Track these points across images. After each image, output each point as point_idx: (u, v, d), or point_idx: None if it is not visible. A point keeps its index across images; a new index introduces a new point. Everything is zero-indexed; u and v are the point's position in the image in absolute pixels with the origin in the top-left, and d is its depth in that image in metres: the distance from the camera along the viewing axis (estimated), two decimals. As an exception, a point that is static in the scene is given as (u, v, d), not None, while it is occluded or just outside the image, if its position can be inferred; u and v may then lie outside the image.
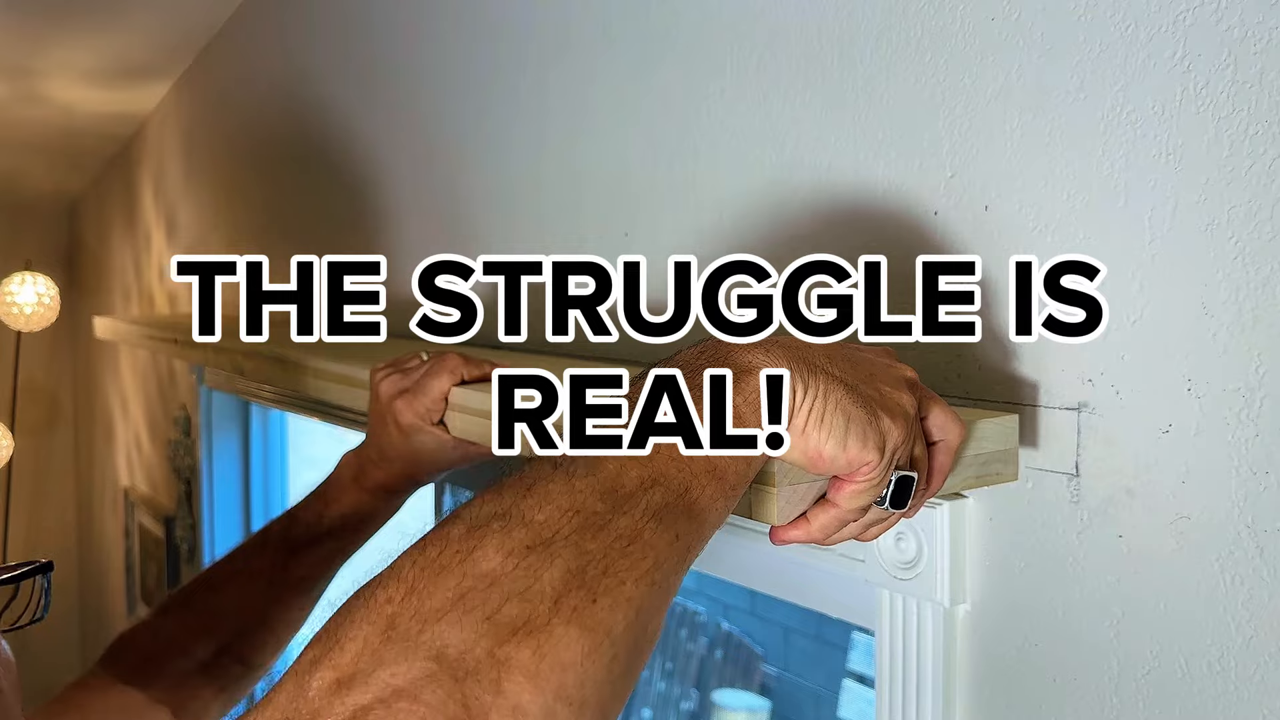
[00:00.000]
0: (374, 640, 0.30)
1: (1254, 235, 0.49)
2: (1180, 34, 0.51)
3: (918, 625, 0.64)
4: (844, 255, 0.70)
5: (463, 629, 0.30)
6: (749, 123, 0.77)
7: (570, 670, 0.31)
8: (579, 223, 0.96)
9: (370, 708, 0.28)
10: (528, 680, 0.30)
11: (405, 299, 1.31)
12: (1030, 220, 0.59)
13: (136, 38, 2.09)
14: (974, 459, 0.54)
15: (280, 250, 1.77)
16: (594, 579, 0.33)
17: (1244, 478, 0.50)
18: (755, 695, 2.01)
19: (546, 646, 0.30)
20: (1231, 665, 0.51)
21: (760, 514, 0.46)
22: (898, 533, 0.64)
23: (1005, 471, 0.56)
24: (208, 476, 2.08)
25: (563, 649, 0.31)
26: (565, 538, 0.34)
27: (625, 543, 0.34)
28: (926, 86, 0.64)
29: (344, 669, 0.30)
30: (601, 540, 0.34)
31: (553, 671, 0.30)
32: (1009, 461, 0.56)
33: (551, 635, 0.31)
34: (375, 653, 0.30)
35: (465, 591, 0.31)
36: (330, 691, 0.29)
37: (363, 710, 0.28)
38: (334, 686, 0.29)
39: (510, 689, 0.29)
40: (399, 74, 1.30)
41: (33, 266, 3.31)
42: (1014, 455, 0.56)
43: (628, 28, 0.89)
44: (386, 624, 0.31)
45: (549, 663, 0.30)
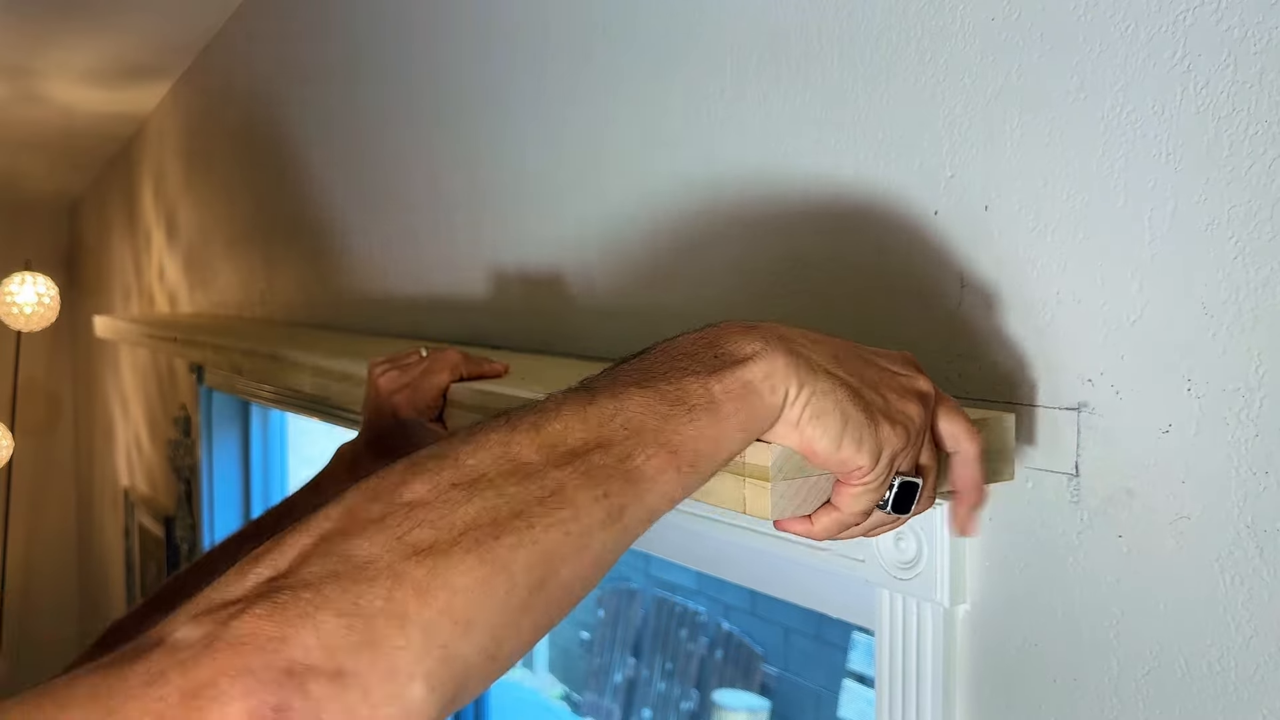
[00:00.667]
0: (307, 547, 0.35)
1: (1254, 235, 0.49)
2: (1180, 34, 0.51)
3: (918, 625, 0.64)
4: (844, 255, 0.70)
5: (373, 544, 0.35)
6: (749, 123, 0.77)
7: (460, 593, 0.34)
8: (580, 223, 0.96)
9: (280, 590, 0.33)
10: (416, 594, 0.33)
11: (404, 299, 1.32)
12: (1030, 220, 0.59)
13: (136, 38, 2.10)
14: None
15: (281, 250, 1.77)
16: (505, 519, 0.36)
17: (1244, 478, 0.50)
18: (755, 695, 2.02)
19: (441, 567, 0.34)
20: (1231, 665, 0.51)
21: (754, 509, 0.46)
22: (898, 533, 0.64)
23: (1002, 471, 0.56)
24: (208, 476, 2.08)
25: (456, 573, 0.34)
26: (489, 480, 0.37)
27: (546, 493, 0.37)
28: (927, 86, 0.64)
29: (279, 568, 0.34)
30: (524, 487, 0.37)
31: (441, 590, 0.34)
32: (1005, 461, 0.56)
33: (449, 559, 0.35)
34: (304, 557, 0.35)
35: (387, 514, 0.36)
36: (262, 584, 0.34)
37: (275, 590, 0.33)
38: (266, 582, 0.34)
39: (398, 597, 0.33)
40: (398, 74, 1.30)
41: (33, 266, 3.31)
42: (1010, 454, 0.56)
43: (628, 28, 0.89)
44: (320, 536, 0.35)
45: (439, 582, 0.34)
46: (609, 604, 3.31)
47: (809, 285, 0.73)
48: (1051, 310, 0.58)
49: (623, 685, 3.13)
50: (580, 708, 3.37)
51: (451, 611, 0.34)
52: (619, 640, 3.18)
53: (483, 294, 1.12)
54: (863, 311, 0.69)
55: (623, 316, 0.91)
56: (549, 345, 1.01)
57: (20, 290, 3.20)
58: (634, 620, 3.09)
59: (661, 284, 0.86)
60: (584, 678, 3.36)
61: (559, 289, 0.99)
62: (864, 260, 0.69)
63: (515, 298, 1.06)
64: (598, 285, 0.94)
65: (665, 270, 0.86)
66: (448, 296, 1.20)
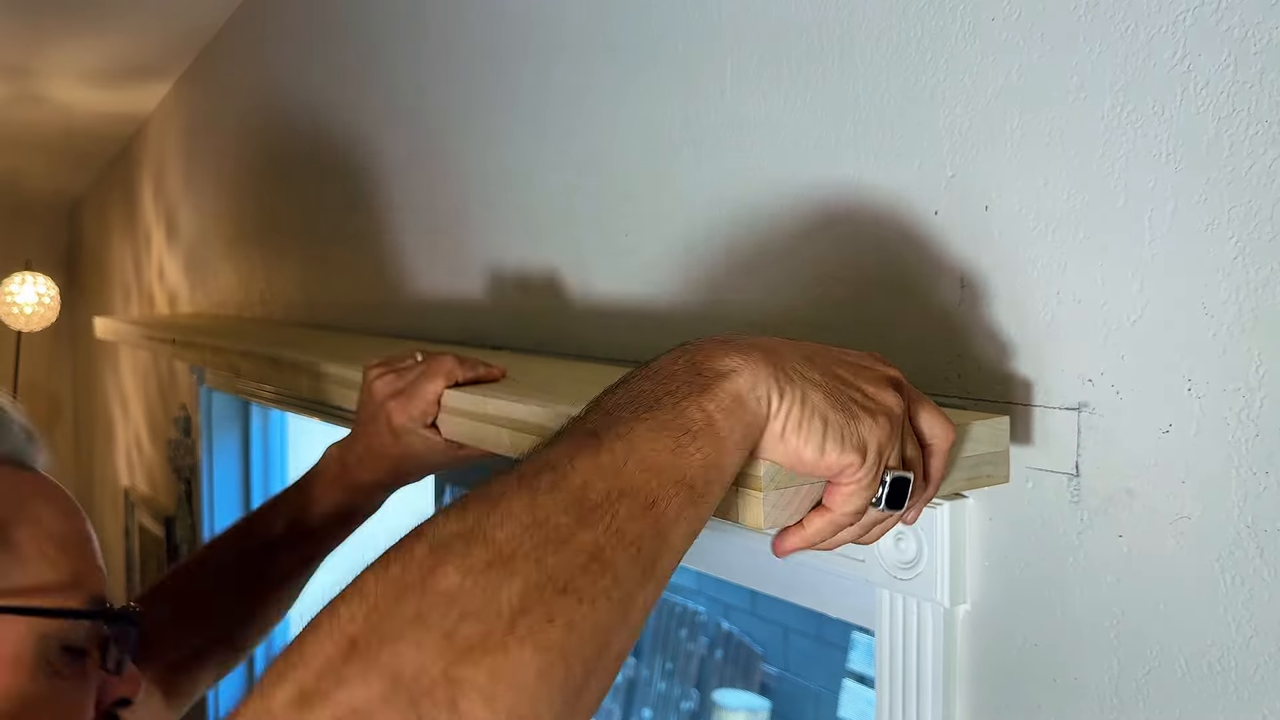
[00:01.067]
0: (335, 659, 0.31)
1: (1254, 235, 0.49)
2: (1180, 34, 0.51)
3: (918, 625, 0.64)
4: (844, 255, 0.70)
5: (420, 649, 0.31)
6: (749, 122, 0.77)
7: (523, 690, 0.32)
8: (579, 223, 0.96)
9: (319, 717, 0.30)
10: (482, 700, 0.31)
11: (404, 300, 1.32)
12: (1030, 220, 0.59)
13: (137, 38, 2.10)
14: (964, 461, 0.54)
15: (281, 250, 1.77)
16: (551, 597, 0.33)
17: (1244, 478, 0.50)
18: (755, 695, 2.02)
19: (501, 667, 0.32)
20: (1232, 665, 0.51)
21: (747, 518, 0.45)
22: (897, 533, 0.64)
23: (996, 473, 0.56)
24: (208, 476, 2.08)
25: (517, 669, 0.32)
26: (526, 554, 0.34)
27: (585, 559, 0.35)
28: (927, 86, 0.64)
29: (306, 685, 0.31)
30: (562, 557, 0.35)
31: (506, 692, 0.31)
32: (1000, 463, 0.56)
33: (507, 655, 0.32)
34: (336, 671, 0.31)
35: (425, 610, 0.32)
36: (292, 706, 0.31)
37: (310, 713, 0.30)
38: (296, 701, 0.31)
39: (465, 708, 0.31)
40: (398, 74, 1.30)
41: (33, 266, 3.31)
42: (1005, 457, 0.56)
43: (628, 28, 0.89)
44: (348, 643, 0.32)
45: (503, 684, 0.31)
46: (609, 604, 3.30)
47: (808, 285, 0.73)
48: (1052, 310, 0.58)
49: (622, 685, 3.13)
50: (580, 707, 3.37)
51: (516, 712, 0.31)
52: (619, 640, 3.17)
53: (483, 294, 1.13)
54: (862, 311, 0.69)
55: (623, 318, 0.91)
56: (549, 346, 1.01)
57: (20, 290, 3.20)
58: (634, 620, 3.09)
59: (661, 284, 0.86)
60: (584, 677, 3.36)
61: (559, 290, 0.99)
62: (863, 260, 0.69)
63: (516, 299, 1.07)
64: (597, 287, 0.94)
65: (666, 270, 0.86)
66: (448, 297, 1.20)
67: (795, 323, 0.74)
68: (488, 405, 0.69)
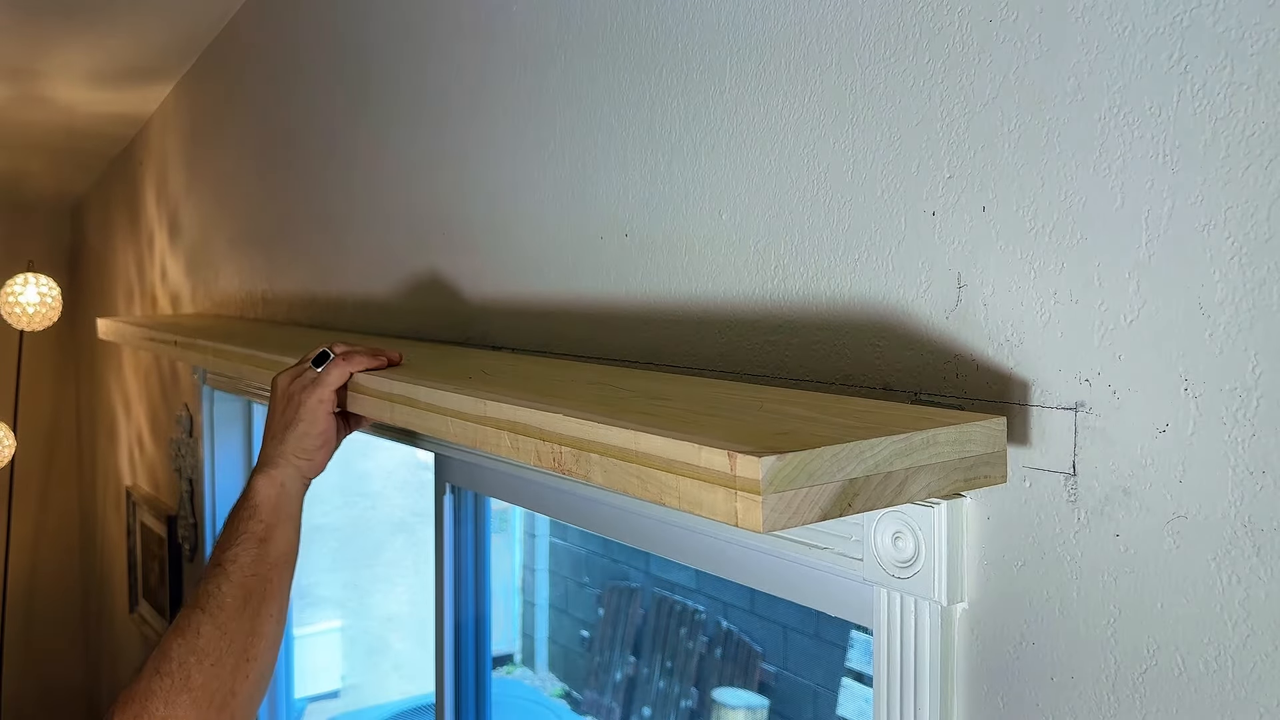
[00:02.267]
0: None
1: (1251, 236, 0.49)
2: (1177, 35, 0.52)
3: (915, 624, 0.64)
4: (844, 256, 0.70)
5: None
6: (748, 123, 0.77)
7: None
8: (581, 224, 0.97)
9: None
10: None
11: (405, 300, 1.32)
12: (1028, 221, 0.59)
13: (139, 39, 2.10)
14: (960, 462, 0.54)
15: (282, 251, 1.77)
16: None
17: (1240, 477, 0.50)
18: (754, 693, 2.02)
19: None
20: (1229, 664, 0.51)
21: (746, 522, 0.48)
22: (895, 532, 0.65)
23: (993, 474, 0.56)
24: (210, 476, 2.09)
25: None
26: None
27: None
28: (924, 88, 0.64)
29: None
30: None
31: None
32: (997, 464, 0.56)
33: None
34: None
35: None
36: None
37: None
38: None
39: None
40: (398, 75, 1.31)
41: (35, 267, 3.32)
42: (1002, 457, 0.57)
43: (628, 29, 0.89)
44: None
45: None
46: (609, 603, 3.31)
47: (807, 284, 0.73)
48: (1049, 310, 0.58)
49: (623, 683, 3.14)
50: (580, 706, 3.38)
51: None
52: (619, 639, 3.18)
53: (484, 295, 1.13)
54: (860, 312, 0.69)
55: (626, 319, 0.91)
56: (549, 347, 1.01)
57: (23, 290, 3.20)
58: (634, 619, 3.10)
59: (661, 283, 0.86)
60: (584, 676, 3.37)
61: (559, 292, 1.00)
62: (861, 261, 0.69)
63: (517, 299, 1.07)
64: (597, 287, 0.94)
65: (666, 269, 0.86)
66: (450, 297, 1.20)
67: (795, 324, 0.74)
68: (392, 386, 0.73)
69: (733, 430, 0.54)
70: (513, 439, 0.66)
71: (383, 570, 2.97)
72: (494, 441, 0.69)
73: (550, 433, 0.62)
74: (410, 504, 2.97)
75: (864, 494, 0.51)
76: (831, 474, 0.49)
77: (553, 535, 3.79)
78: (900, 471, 0.52)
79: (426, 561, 3.03)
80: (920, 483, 0.53)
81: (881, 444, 0.51)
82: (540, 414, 0.63)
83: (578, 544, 3.63)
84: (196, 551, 2.29)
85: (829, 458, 0.49)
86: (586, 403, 0.65)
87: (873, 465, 0.51)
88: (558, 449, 0.61)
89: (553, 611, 3.75)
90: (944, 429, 0.54)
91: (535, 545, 3.88)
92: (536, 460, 0.64)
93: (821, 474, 0.49)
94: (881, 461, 0.51)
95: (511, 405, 0.67)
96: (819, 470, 0.49)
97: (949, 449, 0.54)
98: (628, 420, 0.57)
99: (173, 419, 2.46)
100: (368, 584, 2.95)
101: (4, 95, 2.41)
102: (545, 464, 0.63)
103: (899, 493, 0.53)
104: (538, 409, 0.64)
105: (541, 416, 0.63)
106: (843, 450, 0.50)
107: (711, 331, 0.81)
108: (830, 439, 0.51)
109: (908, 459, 0.52)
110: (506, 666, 3.74)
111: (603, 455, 0.57)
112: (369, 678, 2.93)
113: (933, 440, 0.53)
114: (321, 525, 2.65)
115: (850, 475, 0.50)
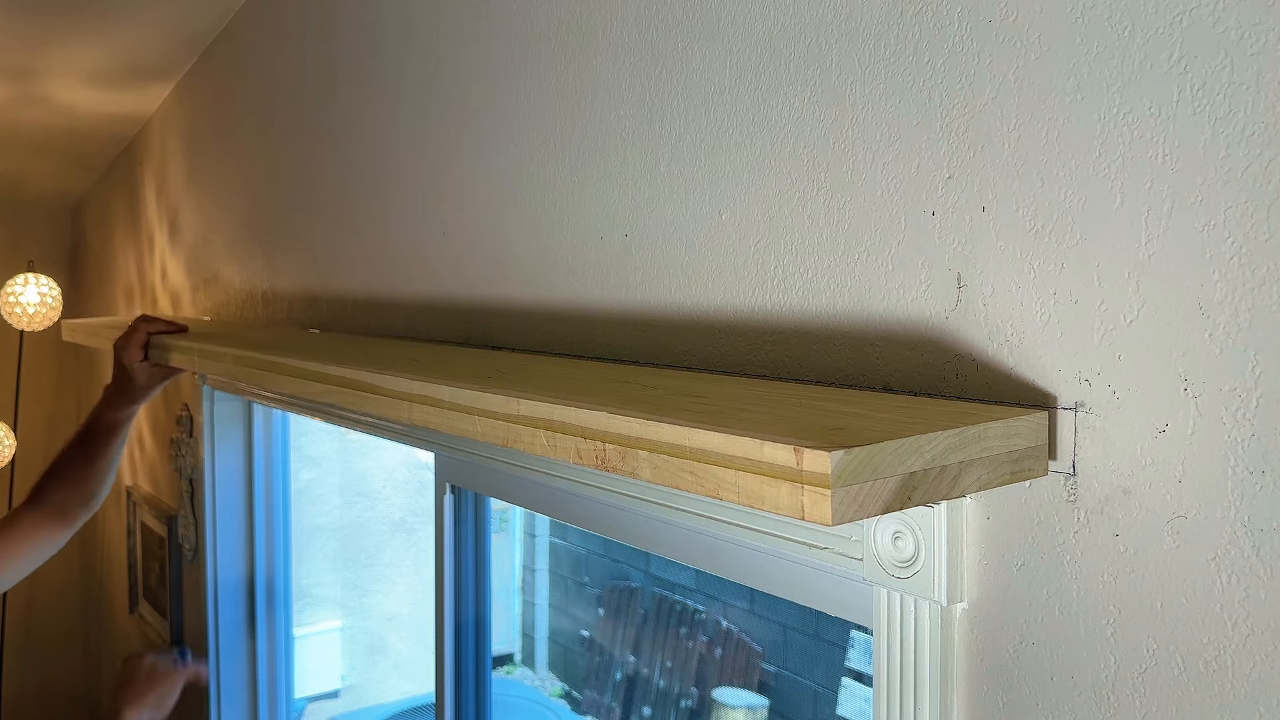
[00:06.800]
0: None
1: (1250, 236, 0.49)
2: (1177, 35, 0.52)
3: (915, 623, 0.64)
4: (843, 256, 0.71)
5: None
6: (748, 123, 0.77)
7: None
8: (581, 224, 0.97)
9: None
10: None
11: (406, 301, 1.32)
12: (1028, 220, 0.59)
13: (139, 39, 2.10)
14: (1009, 455, 0.55)
15: (283, 251, 1.77)
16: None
17: (1240, 477, 0.50)
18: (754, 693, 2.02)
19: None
20: (1228, 663, 0.51)
21: (813, 515, 0.48)
22: (895, 532, 0.65)
23: (1036, 467, 0.57)
24: (210, 475, 2.08)
25: None
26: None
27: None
28: (924, 88, 0.64)
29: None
30: None
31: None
32: (1039, 457, 0.57)
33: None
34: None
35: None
36: None
37: None
38: None
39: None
40: (398, 75, 1.31)
41: (36, 267, 3.32)
42: (1044, 451, 0.58)
43: (627, 29, 0.89)
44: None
45: None
46: (609, 602, 3.31)
47: (807, 284, 0.73)
48: (1049, 310, 0.58)
49: (623, 683, 3.13)
50: (581, 705, 3.38)
51: None
52: (619, 639, 3.18)
53: (484, 294, 1.13)
54: (860, 312, 0.69)
55: (625, 319, 0.91)
56: (549, 347, 1.01)
57: (24, 290, 3.20)
58: (634, 618, 3.10)
59: (661, 283, 0.86)
60: (584, 675, 3.37)
61: (559, 292, 1.00)
62: (861, 260, 0.69)
63: (516, 299, 1.07)
64: (597, 287, 0.95)
65: (665, 269, 0.86)
66: (450, 298, 1.20)
67: (795, 323, 0.74)
68: (410, 386, 0.70)
69: (787, 425, 0.54)
70: (549, 437, 0.66)
71: (382, 570, 2.97)
72: (529, 440, 0.68)
73: (594, 430, 0.62)
74: (410, 504, 2.97)
75: (922, 487, 0.52)
76: (893, 468, 0.50)
77: (553, 535, 3.79)
78: (955, 465, 0.53)
79: (426, 561, 3.02)
80: (973, 475, 0.54)
81: (938, 438, 0.52)
82: (583, 412, 0.63)
83: (578, 544, 3.63)
84: (197, 551, 2.29)
85: (891, 452, 0.50)
86: (623, 400, 0.65)
87: (930, 459, 0.52)
88: (601, 446, 0.61)
89: (553, 611, 3.75)
90: (994, 423, 0.55)
91: (535, 545, 3.88)
92: (576, 458, 0.63)
93: (885, 468, 0.49)
94: (938, 455, 0.52)
95: (549, 404, 0.66)
96: (882, 464, 0.49)
97: (998, 443, 0.55)
98: (678, 417, 0.57)
99: (173, 419, 2.46)
100: (367, 584, 2.95)
101: (4, 95, 2.41)
102: (586, 461, 0.62)
103: (954, 485, 0.53)
104: (580, 407, 0.63)
105: (584, 414, 0.63)
106: (904, 445, 0.50)
107: (711, 331, 0.81)
108: (886, 434, 0.51)
109: (961, 453, 0.53)
110: (506, 666, 3.74)
111: (652, 452, 0.57)
112: (369, 678, 2.93)
113: (984, 434, 0.54)
114: (321, 525, 2.65)
115: (910, 469, 0.51)
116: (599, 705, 3.19)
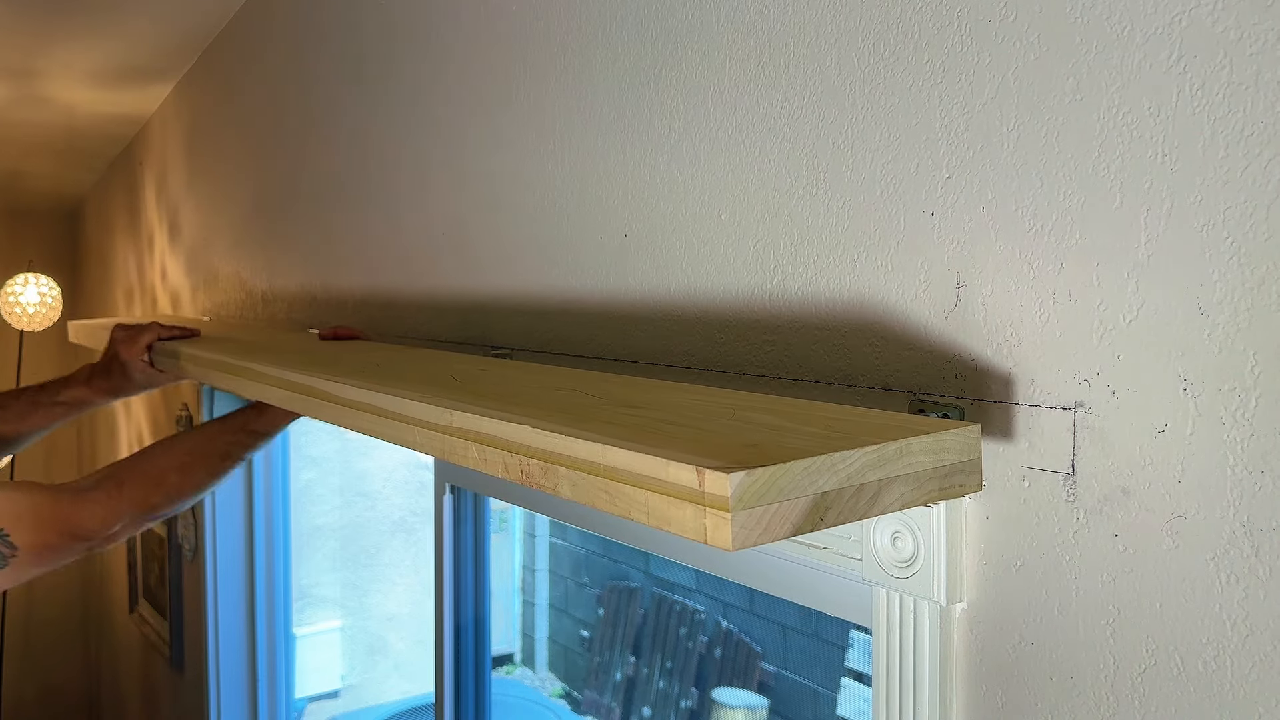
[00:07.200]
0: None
1: (1250, 236, 0.49)
2: (1176, 35, 0.52)
3: (915, 624, 0.64)
4: (842, 256, 0.71)
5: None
6: (748, 122, 0.77)
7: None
8: (580, 223, 0.97)
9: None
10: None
11: (406, 301, 1.32)
12: (1027, 220, 0.59)
13: (139, 39, 2.10)
14: (936, 471, 0.53)
15: (281, 250, 1.77)
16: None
17: (1239, 477, 0.50)
18: (754, 693, 2.02)
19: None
20: (1228, 663, 0.51)
21: (715, 539, 0.46)
22: (895, 532, 0.65)
23: (969, 482, 0.55)
24: (210, 476, 2.08)
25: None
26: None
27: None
28: (923, 88, 0.64)
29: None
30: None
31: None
32: (973, 472, 0.55)
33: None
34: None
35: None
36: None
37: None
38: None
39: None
40: (399, 75, 1.31)
41: (36, 267, 3.32)
42: (978, 465, 0.55)
43: (627, 30, 0.89)
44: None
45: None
46: (609, 602, 3.31)
47: (806, 284, 0.73)
48: (1048, 310, 0.58)
49: (622, 683, 3.14)
50: (580, 705, 3.38)
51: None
52: (619, 639, 3.18)
53: (484, 294, 1.13)
54: (859, 311, 0.69)
55: (625, 319, 0.91)
56: (549, 347, 1.01)
57: (24, 290, 3.21)
58: (634, 619, 3.10)
59: (661, 283, 0.86)
60: (584, 676, 3.37)
61: (559, 292, 1.00)
62: (860, 260, 0.69)
63: (516, 299, 1.07)
64: (596, 287, 0.95)
65: (665, 269, 0.86)
66: (450, 298, 1.20)
67: (794, 323, 0.74)
68: (359, 394, 0.71)
69: (701, 442, 0.51)
70: (480, 450, 0.63)
71: (382, 570, 2.97)
72: (461, 453, 0.65)
73: (518, 444, 0.59)
74: (410, 504, 2.97)
75: (836, 507, 0.49)
76: (803, 488, 0.47)
77: (553, 535, 3.79)
78: (874, 483, 0.50)
79: (426, 561, 3.02)
80: (894, 494, 0.52)
81: (853, 456, 0.49)
82: (506, 425, 0.60)
83: (578, 544, 3.63)
84: (196, 552, 2.28)
85: (800, 472, 0.47)
86: (552, 411, 0.62)
87: (845, 478, 0.49)
88: (525, 461, 0.58)
89: (553, 611, 3.75)
90: (918, 438, 0.52)
91: (535, 545, 3.88)
92: (505, 472, 0.61)
93: (792, 488, 0.47)
94: (854, 473, 0.50)
95: (477, 415, 0.63)
96: (789, 485, 0.47)
97: (924, 458, 0.53)
98: (594, 432, 0.54)
99: (172, 418, 2.46)
100: (367, 584, 2.96)
101: (4, 95, 2.41)
102: (514, 476, 0.60)
103: (872, 504, 0.51)
104: (503, 419, 0.60)
105: (508, 428, 0.60)
106: (814, 463, 0.48)
107: (710, 331, 0.81)
108: (801, 451, 0.49)
109: (881, 470, 0.51)
110: (506, 666, 3.74)
111: (570, 468, 0.54)
112: (369, 677, 2.93)
113: (906, 450, 0.52)
114: (321, 525, 2.65)
115: (822, 489, 0.48)
116: (599, 705, 3.19)
